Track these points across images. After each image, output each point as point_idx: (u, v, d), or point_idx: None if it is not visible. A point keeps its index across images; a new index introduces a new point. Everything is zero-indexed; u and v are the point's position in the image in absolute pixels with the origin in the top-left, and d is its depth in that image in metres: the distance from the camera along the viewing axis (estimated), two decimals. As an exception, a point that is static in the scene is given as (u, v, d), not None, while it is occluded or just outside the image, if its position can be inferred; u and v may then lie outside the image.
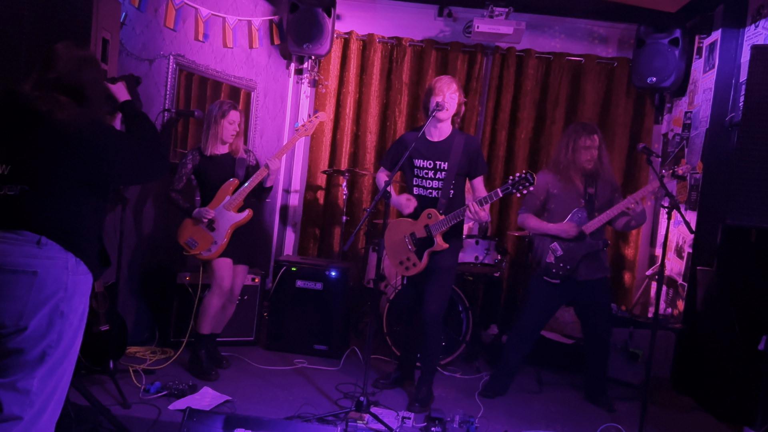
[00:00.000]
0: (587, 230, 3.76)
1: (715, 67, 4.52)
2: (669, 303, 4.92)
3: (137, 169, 2.28)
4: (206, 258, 3.79)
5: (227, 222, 3.81)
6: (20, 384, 1.97)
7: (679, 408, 4.08)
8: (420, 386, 3.70)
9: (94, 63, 2.23)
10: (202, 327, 3.84)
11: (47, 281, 1.99)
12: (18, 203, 2.02)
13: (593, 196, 3.82)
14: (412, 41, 5.60)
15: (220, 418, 2.70)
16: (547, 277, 3.85)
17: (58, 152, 2.06)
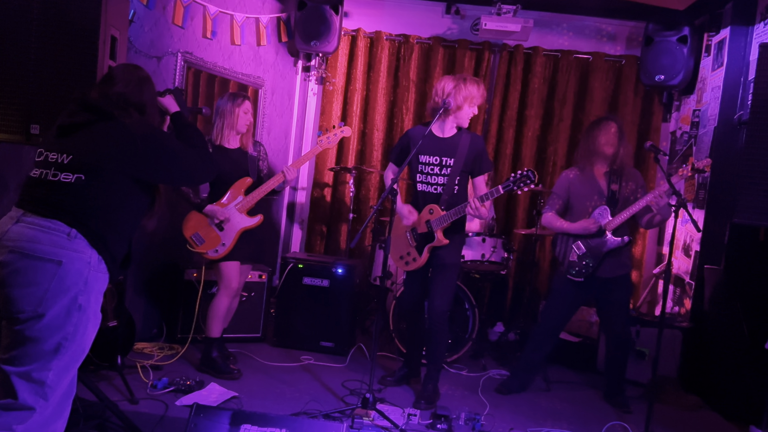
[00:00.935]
0: (609, 227, 3.74)
1: (723, 65, 4.50)
2: (676, 301, 4.91)
3: (190, 171, 2.48)
4: (212, 258, 3.74)
5: (237, 224, 3.75)
6: (36, 374, 2.01)
7: (685, 406, 4.07)
8: (426, 383, 3.71)
9: (150, 81, 2.47)
10: (213, 330, 3.80)
11: (70, 272, 2.05)
12: (69, 191, 2.14)
13: (616, 193, 3.80)
14: (419, 39, 5.59)
15: (226, 414, 2.72)
16: (571, 276, 3.84)
17: (122, 150, 2.22)
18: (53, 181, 2.17)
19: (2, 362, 2.02)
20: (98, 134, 2.24)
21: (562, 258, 3.92)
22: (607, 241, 3.75)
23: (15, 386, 1.98)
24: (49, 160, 2.21)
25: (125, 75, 2.39)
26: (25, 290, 2.00)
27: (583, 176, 3.89)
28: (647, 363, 4.27)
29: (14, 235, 2.06)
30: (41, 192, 2.17)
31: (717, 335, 4.13)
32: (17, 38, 2.71)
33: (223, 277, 3.78)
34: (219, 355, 3.83)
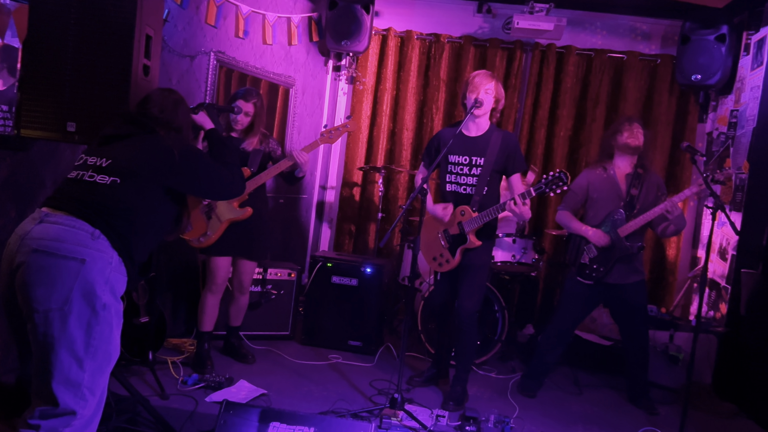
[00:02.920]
0: (623, 233, 3.70)
1: (763, 64, 4.39)
2: (711, 306, 4.80)
3: (221, 187, 2.63)
4: (196, 246, 3.68)
5: (225, 214, 3.65)
6: (73, 377, 2.02)
7: (720, 414, 3.98)
8: (455, 384, 3.68)
9: (184, 103, 2.61)
10: (200, 324, 3.81)
11: (93, 271, 2.07)
12: (102, 191, 2.20)
13: (635, 198, 3.76)
14: (450, 38, 5.56)
15: (256, 411, 2.73)
16: (580, 278, 3.83)
17: (160, 159, 2.34)
18: (89, 181, 2.23)
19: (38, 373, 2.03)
20: (139, 144, 2.36)
21: (573, 259, 3.89)
22: (620, 247, 3.71)
23: (55, 393, 2.00)
24: (88, 163, 2.29)
25: (161, 99, 2.53)
26: (50, 289, 2.01)
27: (604, 176, 3.85)
28: (681, 368, 4.19)
29: (37, 234, 2.08)
30: (74, 190, 2.22)
31: (754, 341, 4.03)
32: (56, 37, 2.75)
33: (208, 270, 3.76)
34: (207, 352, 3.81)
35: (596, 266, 3.77)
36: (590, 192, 3.88)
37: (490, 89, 3.54)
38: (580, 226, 3.84)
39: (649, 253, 5.38)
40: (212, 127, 3.00)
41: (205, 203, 3.62)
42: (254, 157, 3.73)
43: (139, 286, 3.52)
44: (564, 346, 4.00)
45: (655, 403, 3.89)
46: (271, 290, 4.41)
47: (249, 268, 3.88)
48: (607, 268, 3.75)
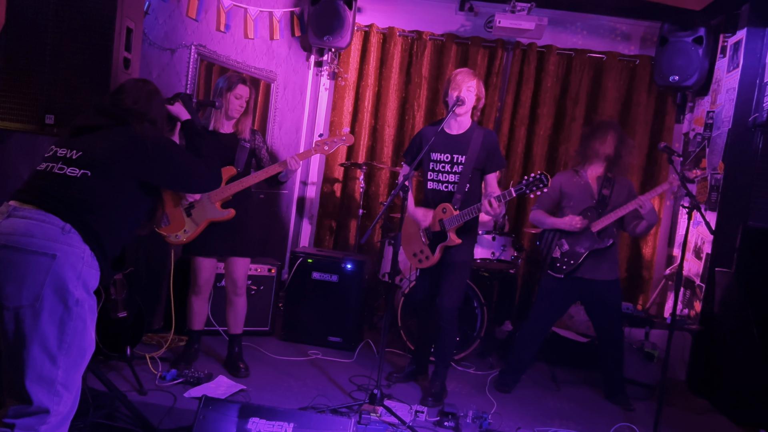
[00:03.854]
0: (595, 227, 3.81)
1: (739, 66, 4.47)
2: (686, 304, 4.88)
3: (195, 180, 2.59)
4: (173, 242, 3.60)
5: (205, 214, 3.55)
6: (46, 374, 2.00)
7: (694, 410, 4.05)
8: (434, 380, 3.71)
9: (158, 94, 2.57)
10: (189, 323, 3.80)
11: (64, 266, 2.03)
12: (72, 185, 2.16)
13: (607, 198, 3.86)
14: (432, 35, 5.58)
15: (235, 406, 2.73)
16: (551, 272, 3.92)
17: (133, 152, 2.30)
18: (58, 174, 2.18)
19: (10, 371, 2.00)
20: (111, 136, 2.32)
21: (545, 254, 3.98)
22: (590, 241, 3.80)
23: (28, 390, 1.98)
24: (58, 155, 2.24)
25: (135, 90, 2.48)
26: (20, 285, 1.98)
27: (576, 178, 3.95)
28: (656, 365, 4.25)
29: (6, 229, 2.04)
30: (43, 184, 2.17)
31: (727, 338, 4.11)
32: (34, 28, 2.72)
33: (191, 271, 3.72)
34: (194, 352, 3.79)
35: (567, 259, 3.86)
36: (563, 192, 3.98)
37: (472, 87, 3.56)
38: (556, 220, 3.92)
39: (626, 252, 5.46)
40: (188, 118, 2.93)
41: (188, 201, 3.54)
42: (240, 155, 3.63)
43: (117, 281, 3.48)
44: (540, 342, 4.05)
45: (630, 400, 3.95)
46: (251, 285, 4.39)
47: (241, 265, 3.72)
48: (577, 261, 3.83)
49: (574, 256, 3.85)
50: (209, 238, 3.60)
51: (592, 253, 3.83)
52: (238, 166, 3.62)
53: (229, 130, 3.67)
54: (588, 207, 3.87)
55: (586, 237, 3.84)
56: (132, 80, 2.55)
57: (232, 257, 3.69)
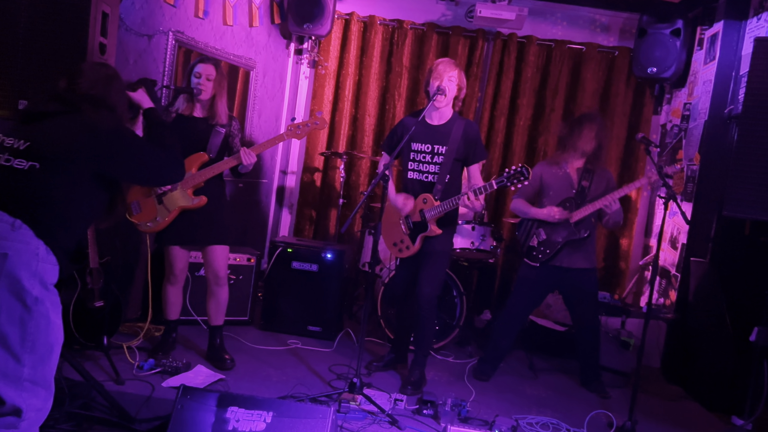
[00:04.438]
0: (573, 219, 3.86)
1: (715, 59, 4.52)
2: (661, 293, 4.96)
3: (155, 171, 2.42)
4: (144, 231, 3.57)
5: (177, 201, 3.49)
6: (12, 372, 1.95)
7: (668, 397, 4.12)
8: (413, 369, 3.72)
9: (118, 78, 2.42)
10: (165, 313, 3.76)
11: (17, 265, 1.95)
12: (19, 178, 2.05)
13: (586, 189, 3.90)
14: (413, 24, 5.56)
15: (213, 395, 2.71)
16: (528, 260, 3.97)
17: (85, 142, 2.14)
18: (5, 166, 2.06)
19: None
20: (62, 124, 2.17)
21: (522, 242, 4.03)
22: (567, 231, 3.85)
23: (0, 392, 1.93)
24: (5, 145, 2.11)
25: (93, 73, 2.34)
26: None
27: (556, 169, 3.99)
28: (631, 353, 4.32)
29: None
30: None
31: (701, 327, 4.18)
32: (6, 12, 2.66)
33: (165, 261, 3.68)
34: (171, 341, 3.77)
35: (543, 248, 3.91)
36: (543, 182, 4.02)
37: (453, 77, 3.56)
38: (536, 210, 3.96)
39: (603, 242, 5.52)
40: (151, 106, 2.75)
41: (159, 191, 3.49)
42: (214, 140, 3.55)
43: (94, 270, 3.44)
44: (518, 331, 4.09)
45: (606, 387, 4.01)
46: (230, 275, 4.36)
47: (220, 254, 3.64)
48: (553, 251, 3.88)
49: (551, 246, 3.89)
50: (184, 227, 3.55)
51: (568, 242, 3.87)
52: (210, 152, 3.54)
53: (201, 114, 3.59)
54: (567, 198, 3.91)
55: (563, 227, 3.88)
56: (90, 63, 2.42)
57: (209, 246, 3.62)
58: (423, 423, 3.21)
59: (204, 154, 3.53)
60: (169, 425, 2.62)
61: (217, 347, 3.73)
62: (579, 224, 3.86)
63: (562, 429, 3.36)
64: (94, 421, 2.80)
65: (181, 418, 2.64)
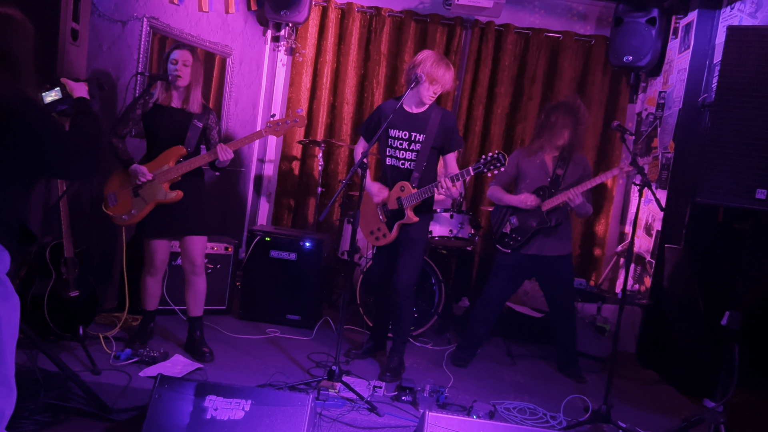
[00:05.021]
0: (545, 207, 3.90)
1: (690, 47, 4.57)
2: (636, 279, 5.03)
3: (63, 163, 2.02)
4: (120, 224, 3.54)
5: (153, 195, 3.46)
6: None
7: (643, 381, 4.20)
8: (392, 356, 3.74)
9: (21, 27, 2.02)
10: (143, 303, 3.73)
11: None
12: None
13: (560, 177, 3.95)
14: (391, 12, 5.54)
15: (191, 385, 2.70)
16: (500, 246, 4.02)
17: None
18: None
19: None
20: None
21: (496, 228, 4.08)
22: (538, 220, 3.91)
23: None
24: None
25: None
26: None
27: (533, 156, 4.02)
28: (607, 338, 4.38)
29: None
30: None
31: (675, 312, 4.25)
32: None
33: (145, 252, 3.64)
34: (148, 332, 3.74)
35: (515, 235, 3.96)
36: (519, 170, 4.05)
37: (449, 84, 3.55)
38: (511, 197, 4.00)
39: (580, 229, 5.57)
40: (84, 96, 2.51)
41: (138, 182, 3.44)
42: (192, 134, 3.50)
43: (68, 260, 3.40)
44: (495, 317, 4.13)
45: (582, 372, 4.07)
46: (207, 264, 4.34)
47: (198, 244, 3.61)
48: (525, 238, 3.93)
49: (523, 233, 3.94)
50: (163, 219, 3.52)
51: (542, 230, 3.91)
52: (188, 145, 3.50)
53: (179, 104, 3.53)
54: (541, 186, 3.94)
55: (535, 215, 3.92)
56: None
57: (188, 236, 3.59)
58: (402, 409, 3.23)
59: (182, 148, 3.49)
60: (147, 415, 2.60)
61: (197, 340, 3.69)
62: (550, 213, 3.90)
63: (539, 413, 3.40)
64: (70, 411, 2.78)
65: (159, 408, 2.62)
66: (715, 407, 2.88)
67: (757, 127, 2.70)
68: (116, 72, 4.05)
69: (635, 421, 3.37)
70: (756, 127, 2.70)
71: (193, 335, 3.70)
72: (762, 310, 3.73)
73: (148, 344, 3.67)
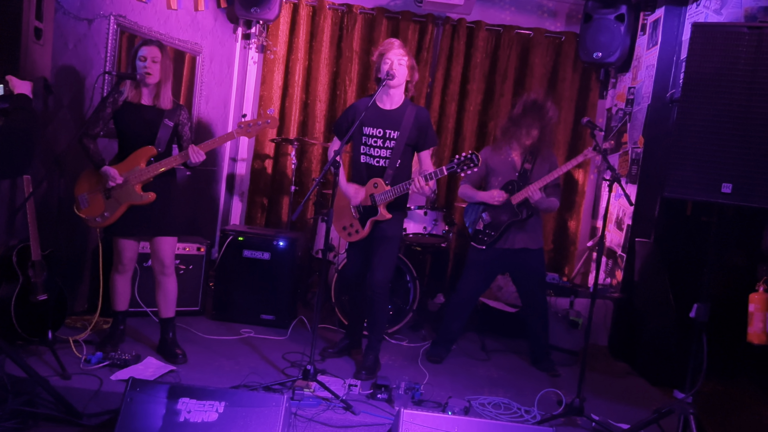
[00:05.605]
0: (515, 200, 3.96)
1: (658, 43, 4.63)
2: (608, 273, 5.09)
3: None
4: (93, 226, 3.50)
5: (125, 197, 3.41)
6: None
7: (615, 373, 4.26)
8: (367, 354, 3.74)
9: None
10: (113, 304, 3.67)
11: None
12: None
13: (528, 172, 4.00)
14: (362, 9, 5.52)
15: (164, 387, 2.67)
16: (474, 243, 4.05)
17: None
18: None
19: None
20: None
21: (469, 226, 4.13)
22: (509, 213, 3.96)
23: None
24: None
25: None
26: None
27: (501, 153, 4.06)
28: (580, 332, 4.43)
29: None
30: None
31: (645, 305, 4.32)
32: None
33: (114, 251, 3.58)
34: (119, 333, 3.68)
35: (488, 231, 4.00)
36: (488, 167, 4.09)
37: (403, 61, 3.55)
38: (481, 194, 4.04)
39: (552, 224, 5.63)
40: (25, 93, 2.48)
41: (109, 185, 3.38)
42: (162, 134, 3.45)
43: (36, 263, 3.33)
44: (469, 313, 4.16)
45: (556, 366, 4.12)
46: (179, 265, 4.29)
47: (167, 245, 3.57)
48: (498, 233, 3.97)
49: (495, 228, 3.98)
50: (132, 218, 3.47)
51: (513, 224, 3.96)
52: (159, 146, 3.45)
53: (149, 102, 3.47)
54: (510, 180, 3.99)
55: (506, 209, 3.97)
56: None
57: (157, 237, 3.55)
58: (377, 407, 3.24)
59: (152, 148, 3.43)
60: (119, 419, 2.57)
61: (169, 342, 3.64)
62: (521, 206, 3.95)
63: (514, 408, 3.43)
64: (39, 417, 2.73)
65: (131, 412, 2.59)
66: (684, 398, 2.93)
67: (721, 122, 2.75)
68: (83, 71, 3.98)
69: (608, 413, 3.42)
70: (721, 122, 2.75)
71: (166, 337, 3.66)
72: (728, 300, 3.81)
73: (120, 347, 3.62)
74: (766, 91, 2.68)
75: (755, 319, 3.38)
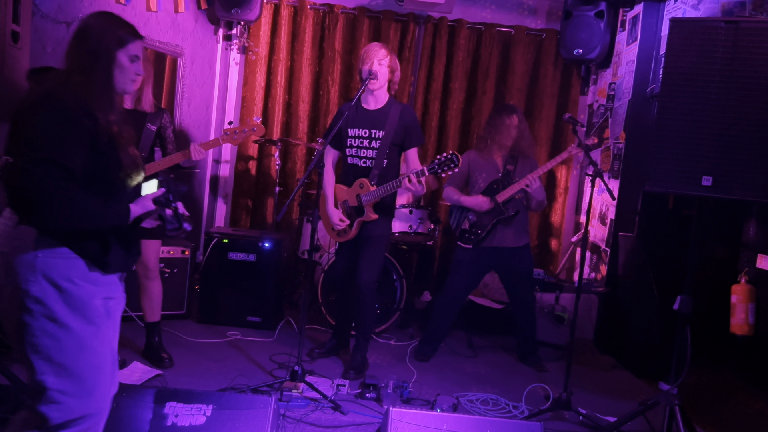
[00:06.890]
0: (500, 198, 3.98)
1: (637, 39, 4.68)
2: (593, 268, 5.13)
3: None
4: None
5: None
6: (37, 378, 1.81)
7: (600, 367, 4.29)
8: (355, 354, 3.74)
9: None
10: None
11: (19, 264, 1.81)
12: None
13: (511, 172, 4.05)
14: (344, 9, 5.51)
15: (150, 392, 2.66)
16: (461, 243, 4.07)
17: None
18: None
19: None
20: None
21: (455, 226, 4.14)
22: (495, 211, 3.98)
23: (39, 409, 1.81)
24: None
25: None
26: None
27: (483, 156, 4.11)
28: (566, 327, 4.46)
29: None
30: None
31: (630, 298, 4.36)
32: None
33: None
34: None
35: (474, 230, 4.02)
36: (471, 169, 4.13)
37: (384, 61, 3.55)
38: (466, 199, 4.07)
39: (537, 220, 5.66)
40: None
41: None
42: (145, 139, 3.41)
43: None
44: (456, 312, 4.17)
45: (543, 361, 4.14)
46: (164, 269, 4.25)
47: (151, 248, 3.54)
48: (484, 231, 3.99)
49: (481, 227, 4.00)
50: None
51: (499, 221, 3.98)
52: (142, 151, 3.42)
53: (131, 105, 3.42)
54: (495, 180, 4.03)
55: (492, 208, 3.97)
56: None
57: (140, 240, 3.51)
58: (366, 407, 3.24)
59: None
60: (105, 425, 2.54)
61: (155, 345, 3.63)
62: (506, 203, 3.97)
63: (502, 404, 3.45)
64: (24, 425, 2.69)
65: (117, 417, 2.57)
66: (670, 389, 2.96)
67: (700, 116, 2.78)
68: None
69: (595, 407, 3.45)
70: (700, 115, 2.78)
71: (152, 341, 3.64)
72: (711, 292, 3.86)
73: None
74: (743, 85, 2.71)
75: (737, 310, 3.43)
